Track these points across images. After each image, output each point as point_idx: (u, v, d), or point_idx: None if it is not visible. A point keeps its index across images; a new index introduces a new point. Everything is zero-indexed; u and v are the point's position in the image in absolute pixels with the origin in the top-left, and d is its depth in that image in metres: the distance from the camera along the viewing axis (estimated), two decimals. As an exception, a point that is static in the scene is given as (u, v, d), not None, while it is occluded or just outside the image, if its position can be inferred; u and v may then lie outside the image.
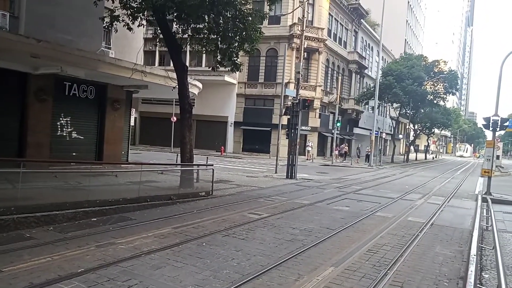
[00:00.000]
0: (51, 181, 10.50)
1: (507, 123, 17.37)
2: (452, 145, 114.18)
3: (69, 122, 14.24)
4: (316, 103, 36.18)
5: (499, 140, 38.00)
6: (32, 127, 12.78)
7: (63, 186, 10.29)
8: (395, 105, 44.91)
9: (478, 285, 5.57)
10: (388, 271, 5.97)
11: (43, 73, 12.25)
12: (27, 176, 8.51)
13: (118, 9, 12.04)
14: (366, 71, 49.53)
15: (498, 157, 37.03)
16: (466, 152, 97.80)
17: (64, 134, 14.15)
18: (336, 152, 35.97)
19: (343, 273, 5.85)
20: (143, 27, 13.88)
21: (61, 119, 13.98)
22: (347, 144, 42.26)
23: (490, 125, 16.64)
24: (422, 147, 75.21)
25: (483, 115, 20.44)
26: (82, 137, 14.77)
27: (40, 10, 13.16)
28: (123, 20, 11.97)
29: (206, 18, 12.15)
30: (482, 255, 7.45)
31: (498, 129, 16.83)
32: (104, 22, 12.80)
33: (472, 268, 5.55)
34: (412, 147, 53.45)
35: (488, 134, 22.36)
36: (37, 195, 8.43)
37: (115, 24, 12.08)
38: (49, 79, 12.98)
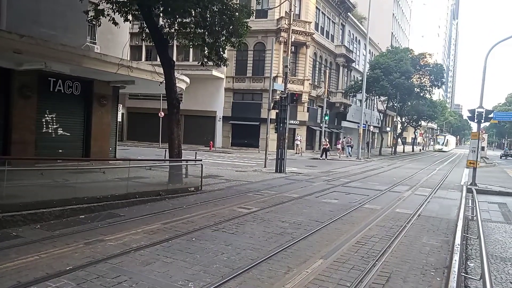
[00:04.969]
0: (37, 178, 10.33)
1: (491, 115, 17.68)
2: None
3: (54, 118, 14.02)
4: (304, 97, 36.25)
5: (484, 132, 38.73)
6: (17, 124, 12.54)
7: (49, 183, 10.15)
8: (382, 98, 45.29)
9: (463, 274, 5.69)
10: (377, 262, 6.06)
11: (27, 69, 12.01)
12: (12, 174, 8.37)
13: (102, 2, 11.86)
14: (353, 64, 49.76)
15: (483, 148, 37.82)
16: (447, 145, 74.68)
17: (50, 131, 13.93)
18: (339, 146, 35.99)
19: (332, 265, 5.92)
20: (129, 21, 13.69)
21: (46, 115, 13.75)
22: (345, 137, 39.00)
23: (475, 117, 16.89)
24: (409, 140, 76.05)
25: (468, 107, 20.78)
26: (68, 134, 14.57)
27: (22, 4, 12.87)
28: (108, 15, 11.78)
29: (193, 12, 12.04)
30: (467, 244, 7.60)
31: (483, 120, 17.07)
32: (88, 16, 12.58)
33: (456, 258, 5.65)
34: (399, 140, 54.04)
35: (473, 126, 22.70)
36: (23, 193, 8.32)
37: (100, 18, 11.89)
38: (33, 75, 12.74)
